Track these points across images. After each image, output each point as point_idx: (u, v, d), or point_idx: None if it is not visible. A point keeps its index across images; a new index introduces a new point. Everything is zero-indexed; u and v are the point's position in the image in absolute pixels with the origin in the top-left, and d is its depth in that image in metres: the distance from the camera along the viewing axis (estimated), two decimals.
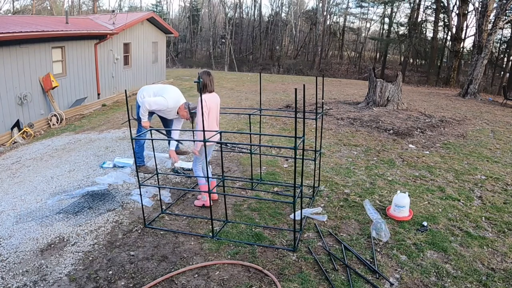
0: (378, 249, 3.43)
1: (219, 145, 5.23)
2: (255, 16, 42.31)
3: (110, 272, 3.12)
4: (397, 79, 9.75)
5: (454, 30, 22.16)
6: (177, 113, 5.11)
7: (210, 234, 3.67)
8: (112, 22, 13.95)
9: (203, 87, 4.02)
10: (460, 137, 7.50)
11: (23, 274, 3.11)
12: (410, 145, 6.79)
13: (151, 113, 5.21)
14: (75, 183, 4.99)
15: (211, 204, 3.85)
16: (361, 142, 6.89)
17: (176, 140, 6.02)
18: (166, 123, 5.63)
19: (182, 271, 3.11)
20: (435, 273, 3.08)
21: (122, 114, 10.82)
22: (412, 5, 29.61)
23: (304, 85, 3.34)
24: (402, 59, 35.07)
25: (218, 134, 4.12)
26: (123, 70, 15.08)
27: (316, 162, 4.63)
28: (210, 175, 3.99)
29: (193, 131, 5.24)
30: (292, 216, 3.90)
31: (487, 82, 25.15)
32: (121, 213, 4.15)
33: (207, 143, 3.86)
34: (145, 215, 3.96)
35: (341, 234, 3.70)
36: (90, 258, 3.32)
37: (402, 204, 3.94)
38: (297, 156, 3.56)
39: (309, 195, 4.55)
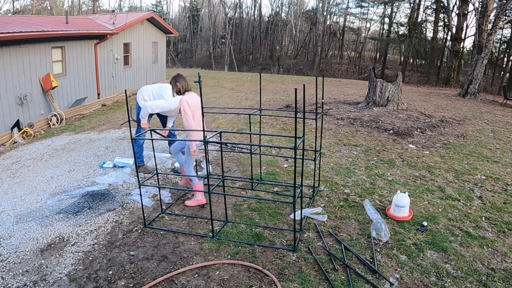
0: (378, 249, 3.43)
1: (219, 145, 5.22)
2: (255, 16, 42.33)
3: (110, 272, 3.12)
4: (397, 79, 9.75)
5: (454, 30, 22.16)
6: (179, 110, 5.11)
7: (210, 234, 3.67)
8: (112, 22, 13.94)
9: (183, 88, 4.20)
10: (460, 137, 7.51)
11: (23, 274, 3.11)
12: (410, 145, 6.79)
13: (151, 115, 5.21)
14: (75, 183, 4.99)
15: (206, 202, 3.88)
16: (361, 142, 6.89)
17: (169, 139, 6.03)
18: (164, 119, 5.63)
19: (182, 271, 3.12)
20: (435, 273, 3.08)
21: (122, 114, 10.82)
22: (412, 5, 29.62)
23: (304, 85, 3.34)
24: (402, 59, 35.06)
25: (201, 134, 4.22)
26: (123, 70, 15.08)
27: (316, 162, 4.63)
28: (210, 175, 3.99)
29: (193, 131, 5.24)
30: (292, 216, 3.90)
31: (487, 82, 25.15)
32: (121, 213, 4.15)
33: (193, 142, 4.05)
34: (145, 215, 3.96)
35: (341, 234, 3.71)
36: (90, 258, 3.32)
37: (402, 204, 3.94)
38: (297, 156, 3.56)
39: (309, 195, 4.55)
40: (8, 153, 7.50)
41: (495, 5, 14.30)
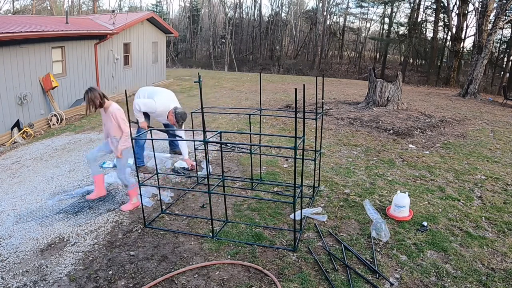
0: (378, 249, 3.43)
1: (219, 145, 5.23)
2: (255, 16, 42.32)
3: (110, 272, 3.12)
4: (397, 79, 9.75)
5: (454, 30, 22.15)
6: (167, 117, 5.11)
7: (210, 234, 3.67)
8: (112, 22, 13.94)
9: (103, 98, 3.99)
10: (460, 137, 7.50)
11: (23, 274, 3.11)
12: (410, 145, 6.79)
13: (146, 115, 5.23)
14: (75, 183, 5.00)
15: (142, 204, 3.89)
16: (361, 142, 6.89)
17: (171, 140, 6.02)
18: (165, 125, 5.64)
19: (182, 271, 3.12)
20: (435, 273, 3.08)
21: None
22: (412, 5, 29.61)
23: (304, 85, 3.34)
24: (402, 59, 35.05)
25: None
26: (123, 70, 15.07)
27: (316, 162, 4.63)
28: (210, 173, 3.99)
29: (193, 131, 5.25)
30: (292, 216, 3.90)
31: (487, 82, 25.14)
32: (121, 213, 4.15)
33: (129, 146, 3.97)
34: (145, 215, 3.96)
35: (341, 234, 3.70)
36: (90, 258, 3.32)
37: (402, 204, 3.94)
38: (297, 156, 3.56)
39: (309, 195, 4.55)
40: (8, 153, 7.50)
41: (495, 5, 14.30)
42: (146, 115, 5.25)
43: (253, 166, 5.06)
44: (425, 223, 3.84)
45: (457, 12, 22.24)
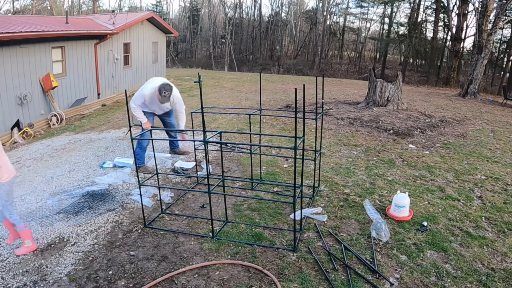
0: (378, 249, 3.43)
1: (219, 145, 5.22)
2: (255, 16, 42.33)
3: (110, 272, 3.12)
4: (397, 79, 9.75)
5: (454, 30, 22.15)
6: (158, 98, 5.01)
7: (210, 234, 3.67)
8: (112, 22, 13.94)
9: None
10: (460, 137, 7.50)
11: (23, 274, 3.11)
12: (410, 145, 6.78)
13: (148, 114, 5.23)
14: (75, 183, 4.99)
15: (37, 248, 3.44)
16: (361, 142, 6.89)
17: (173, 139, 6.03)
18: (165, 124, 5.65)
19: (182, 271, 3.12)
20: (435, 273, 3.08)
21: (122, 114, 10.82)
22: (412, 5, 29.61)
23: (304, 85, 3.34)
24: (402, 59, 35.06)
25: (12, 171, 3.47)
26: (123, 70, 15.08)
27: (316, 162, 4.63)
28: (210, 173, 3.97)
29: (193, 131, 5.25)
30: (292, 216, 3.90)
31: (487, 82, 25.15)
32: (121, 213, 4.15)
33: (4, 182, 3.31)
34: (145, 215, 3.96)
35: (341, 234, 3.71)
36: (90, 258, 3.32)
37: (402, 204, 3.94)
38: (297, 156, 3.56)
39: (309, 195, 4.55)
40: (8, 153, 7.50)
41: (495, 5, 14.30)
42: (150, 115, 5.26)
43: (253, 166, 5.05)
44: (425, 223, 3.84)
45: (457, 12, 22.24)
